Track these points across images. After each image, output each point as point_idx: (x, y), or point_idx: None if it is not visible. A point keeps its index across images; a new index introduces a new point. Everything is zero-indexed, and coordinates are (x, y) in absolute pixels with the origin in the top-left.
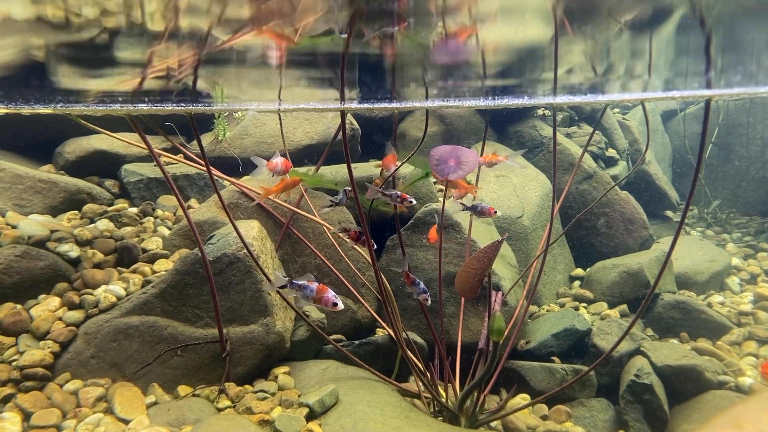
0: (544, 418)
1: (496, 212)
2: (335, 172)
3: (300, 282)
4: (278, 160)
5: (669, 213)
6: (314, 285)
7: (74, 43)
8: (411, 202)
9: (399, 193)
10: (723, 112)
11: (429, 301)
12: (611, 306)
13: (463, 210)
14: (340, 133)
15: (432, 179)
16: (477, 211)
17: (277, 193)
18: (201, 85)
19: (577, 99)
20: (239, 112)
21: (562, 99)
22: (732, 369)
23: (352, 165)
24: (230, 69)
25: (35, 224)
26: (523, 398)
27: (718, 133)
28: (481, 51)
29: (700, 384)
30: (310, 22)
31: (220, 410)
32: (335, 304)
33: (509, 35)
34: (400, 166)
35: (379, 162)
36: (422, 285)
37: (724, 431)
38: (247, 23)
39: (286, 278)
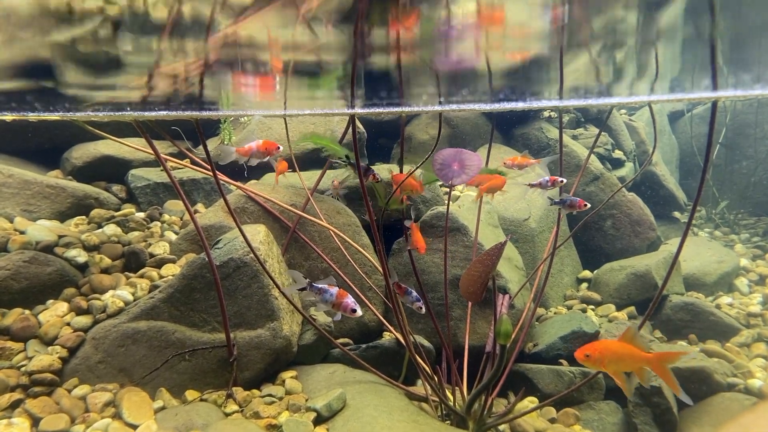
0: (553, 421)
1: (586, 205)
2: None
3: (320, 285)
4: (254, 144)
5: (676, 214)
6: (334, 290)
7: (78, 38)
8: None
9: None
10: (731, 113)
11: (423, 310)
12: (619, 308)
13: (552, 204)
14: (346, 136)
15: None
16: (566, 204)
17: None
18: (207, 91)
19: (584, 101)
20: (245, 117)
21: (568, 102)
22: (741, 371)
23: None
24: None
25: (43, 230)
26: (531, 401)
27: (726, 133)
28: (486, 54)
29: (709, 386)
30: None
31: (227, 415)
32: (354, 311)
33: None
34: (410, 174)
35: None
36: (414, 293)
37: None
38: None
39: (307, 280)
